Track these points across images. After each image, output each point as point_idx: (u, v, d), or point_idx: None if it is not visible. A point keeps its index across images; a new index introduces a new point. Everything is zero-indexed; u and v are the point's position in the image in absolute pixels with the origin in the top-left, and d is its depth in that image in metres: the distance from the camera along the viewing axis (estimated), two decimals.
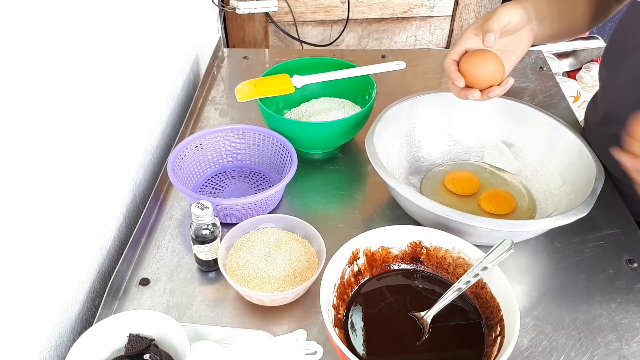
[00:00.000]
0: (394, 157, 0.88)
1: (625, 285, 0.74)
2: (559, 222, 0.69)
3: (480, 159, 0.93)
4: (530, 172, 0.88)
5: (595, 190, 0.73)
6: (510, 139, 0.91)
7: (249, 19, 1.72)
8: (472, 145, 0.93)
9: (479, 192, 0.87)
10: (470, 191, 0.87)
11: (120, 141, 0.83)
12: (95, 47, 0.73)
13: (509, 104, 0.89)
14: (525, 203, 0.85)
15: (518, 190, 0.88)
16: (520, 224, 0.69)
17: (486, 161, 0.92)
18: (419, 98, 0.89)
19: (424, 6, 1.80)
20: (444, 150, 0.93)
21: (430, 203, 0.70)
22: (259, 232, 0.76)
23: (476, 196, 0.87)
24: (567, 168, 0.83)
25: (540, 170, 0.87)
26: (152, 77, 0.95)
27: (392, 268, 0.71)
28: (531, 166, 0.88)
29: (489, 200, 0.85)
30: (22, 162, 0.57)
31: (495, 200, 0.85)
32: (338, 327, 0.63)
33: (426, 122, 0.91)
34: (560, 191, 0.82)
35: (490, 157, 0.92)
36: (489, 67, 0.71)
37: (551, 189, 0.84)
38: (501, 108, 0.90)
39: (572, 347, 0.67)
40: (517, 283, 0.74)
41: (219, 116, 1.05)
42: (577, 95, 1.95)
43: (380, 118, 0.84)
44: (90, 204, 0.73)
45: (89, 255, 0.74)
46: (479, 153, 0.93)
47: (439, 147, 0.93)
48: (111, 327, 0.62)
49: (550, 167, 0.86)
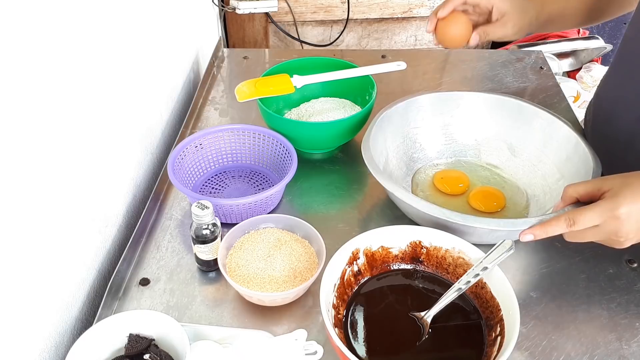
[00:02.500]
0: (392, 160, 0.88)
1: (625, 285, 0.74)
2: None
3: (476, 157, 0.93)
4: (527, 167, 0.88)
5: None
6: (507, 136, 0.91)
7: (249, 19, 1.72)
8: (468, 144, 0.93)
9: (468, 190, 0.88)
10: (460, 190, 0.87)
11: (121, 141, 0.83)
12: (96, 47, 0.73)
13: (503, 101, 0.90)
14: (522, 200, 0.85)
15: (515, 187, 0.88)
16: (521, 222, 0.69)
17: (483, 159, 0.92)
18: (414, 99, 0.89)
19: (424, 6, 1.80)
20: (441, 150, 0.93)
21: (428, 205, 0.70)
22: (259, 232, 0.76)
23: (465, 195, 0.87)
24: (564, 162, 0.83)
25: (537, 165, 0.87)
26: (152, 77, 0.95)
27: (392, 268, 0.71)
28: (528, 161, 0.88)
29: (477, 198, 0.85)
30: (22, 162, 0.57)
31: (485, 197, 0.85)
32: (338, 327, 0.63)
33: (422, 122, 0.91)
34: (559, 185, 0.82)
35: (487, 155, 0.92)
36: (454, 29, 0.85)
37: (549, 184, 0.84)
38: (496, 105, 0.90)
39: (572, 347, 0.67)
40: (517, 283, 0.74)
41: (219, 116, 1.05)
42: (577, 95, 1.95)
43: (375, 122, 0.84)
44: (90, 203, 0.73)
45: (88, 255, 0.74)
46: (475, 151, 0.93)
47: (436, 147, 0.93)
48: (111, 327, 0.62)
49: (547, 161, 0.86)
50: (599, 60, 2.06)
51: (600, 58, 2.06)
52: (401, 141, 0.90)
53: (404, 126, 0.90)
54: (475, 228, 0.69)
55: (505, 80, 1.14)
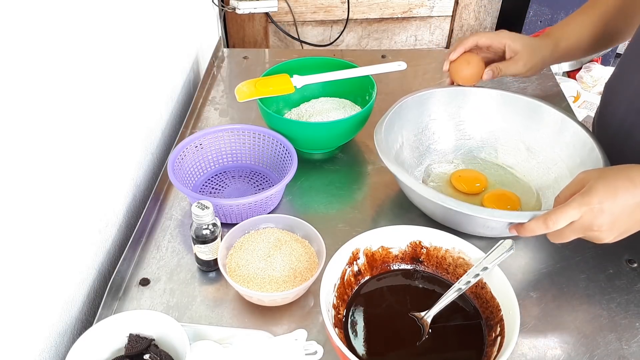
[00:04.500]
0: (405, 151, 0.88)
1: (625, 285, 0.74)
2: None
3: (491, 155, 0.93)
4: (542, 169, 0.88)
5: None
6: (526, 136, 0.91)
7: (249, 19, 1.72)
8: (485, 140, 0.93)
9: (485, 190, 0.88)
10: (477, 190, 0.87)
11: (121, 141, 0.83)
12: (96, 47, 0.73)
13: (520, 100, 0.90)
14: (532, 200, 0.86)
15: (527, 187, 0.88)
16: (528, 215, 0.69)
17: (499, 157, 0.93)
18: (431, 92, 0.90)
19: (424, 6, 1.80)
20: (456, 145, 0.93)
21: (437, 194, 0.71)
22: (259, 232, 0.76)
23: (480, 195, 0.87)
24: (577, 166, 0.82)
25: (552, 168, 0.87)
26: (152, 77, 0.95)
27: (392, 268, 0.71)
28: (543, 164, 0.89)
29: (492, 200, 0.85)
30: (23, 162, 0.57)
31: (500, 200, 0.85)
32: (338, 327, 0.63)
33: (437, 116, 0.92)
34: None
35: (504, 154, 0.92)
36: (466, 69, 0.90)
37: (561, 187, 0.84)
38: (515, 104, 0.91)
39: (572, 347, 0.67)
40: (517, 283, 0.74)
41: (219, 116, 1.05)
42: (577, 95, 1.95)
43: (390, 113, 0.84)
44: (90, 203, 0.73)
45: (88, 255, 0.74)
46: (491, 149, 0.93)
47: (450, 142, 0.93)
48: (111, 327, 0.62)
49: (561, 165, 0.86)
50: (599, 60, 2.06)
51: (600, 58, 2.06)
52: (414, 135, 0.90)
53: (419, 119, 0.91)
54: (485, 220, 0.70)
55: (505, 79, 1.14)
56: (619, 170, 0.63)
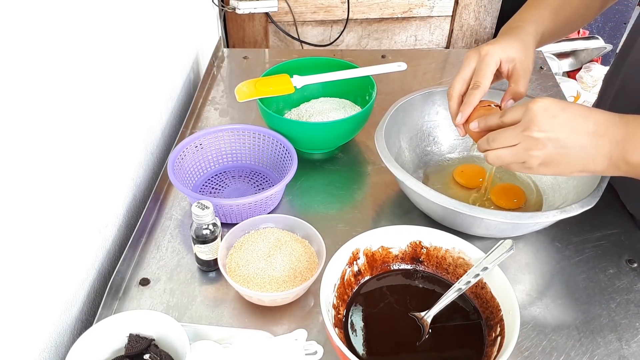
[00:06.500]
0: (404, 152, 0.88)
1: (625, 285, 0.74)
2: (566, 214, 0.69)
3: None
4: None
5: (602, 183, 0.73)
6: None
7: (249, 19, 1.72)
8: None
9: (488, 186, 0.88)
10: (479, 184, 0.87)
11: (121, 141, 0.83)
12: (96, 47, 0.73)
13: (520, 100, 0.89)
14: (533, 197, 0.86)
15: (527, 184, 0.88)
16: (528, 215, 0.69)
17: None
18: (431, 92, 0.90)
19: (424, 6, 1.80)
20: (454, 144, 0.93)
21: (439, 196, 0.71)
22: (259, 232, 0.76)
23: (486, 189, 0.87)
24: None
25: None
26: (152, 77, 0.95)
27: (392, 268, 0.71)
28: None
29: (500, 194, 0.85)
30: (22, 162, 0.57)
31: (507, 194, 0.85)
32: (338, 327, 0.63)
33: (437, 116, 0.92)
34: (568, 184, 0.82)
35: None
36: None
37: (559, 182, 0.84)
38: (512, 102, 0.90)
39: (572, 347, 0.67)
40: (517, 283, 0.74)
41: (219, 116, 1.05)
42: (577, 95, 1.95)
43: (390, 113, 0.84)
44: (90, 203, 0.73)
45: (88, 255, 0.74)
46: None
47: (448, 141, 0.93)
48: (111, 327, 0.62)
49: None
50: (599, 60, 2.06)
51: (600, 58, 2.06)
52: (414, 134, 0.90)
53: (419, 119, 0.91)
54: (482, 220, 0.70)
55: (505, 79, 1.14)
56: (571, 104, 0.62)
